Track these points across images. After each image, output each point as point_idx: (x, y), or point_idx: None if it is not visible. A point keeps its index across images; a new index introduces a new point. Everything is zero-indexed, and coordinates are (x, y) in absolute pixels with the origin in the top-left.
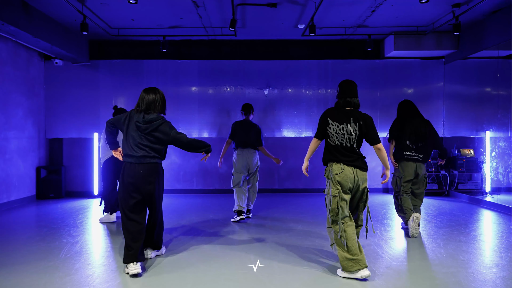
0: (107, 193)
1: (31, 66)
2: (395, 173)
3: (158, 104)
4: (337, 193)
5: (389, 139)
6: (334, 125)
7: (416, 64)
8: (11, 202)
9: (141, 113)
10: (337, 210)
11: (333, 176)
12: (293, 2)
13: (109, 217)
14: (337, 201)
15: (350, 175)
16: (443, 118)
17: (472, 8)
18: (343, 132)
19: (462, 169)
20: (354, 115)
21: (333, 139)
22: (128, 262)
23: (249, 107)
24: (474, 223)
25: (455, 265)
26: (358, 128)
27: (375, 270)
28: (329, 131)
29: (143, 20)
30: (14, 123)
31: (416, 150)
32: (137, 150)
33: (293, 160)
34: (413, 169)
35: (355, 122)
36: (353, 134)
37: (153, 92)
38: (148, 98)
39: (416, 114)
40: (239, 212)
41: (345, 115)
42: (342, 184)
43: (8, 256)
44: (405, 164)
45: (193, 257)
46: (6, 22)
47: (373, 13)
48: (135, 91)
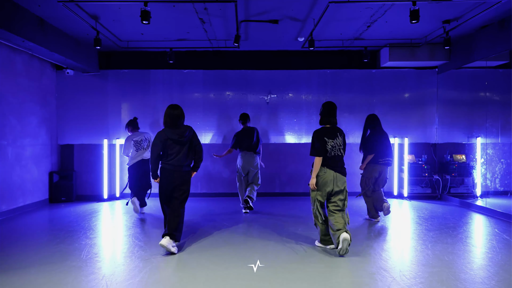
0: (132, 186)
1: (44, 76)
2: (365, 175)
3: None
4: (320, 198)
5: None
6: (330, 142)
7: (410, 73)
8: (26, 206)
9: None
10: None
11: (321, 182)
12: (294, 19)
13: (136, 206)
14: (318, 203)
15: (331, 178)
16: (436, 125)
17: (462, 24)
18: (335, 145)
19: (455, 174)
20: (338, 131)
21: (330, 152)
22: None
23: (247, 116)
24: (462, 226)
25: (439, 265)
26: (342, 140)
27: (367, 269)
28: (327, 147)
29: (151, 34)
30: (28, 131)
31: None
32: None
33: (294, 165)
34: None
35: (340, 136)
36: (341, 145)
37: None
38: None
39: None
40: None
41: (333, 131)
42: (324, 189)
43: (35, 257)
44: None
45: (202, 258)
46: (26, 39)
47: (368, 28)
48: (142, 99)
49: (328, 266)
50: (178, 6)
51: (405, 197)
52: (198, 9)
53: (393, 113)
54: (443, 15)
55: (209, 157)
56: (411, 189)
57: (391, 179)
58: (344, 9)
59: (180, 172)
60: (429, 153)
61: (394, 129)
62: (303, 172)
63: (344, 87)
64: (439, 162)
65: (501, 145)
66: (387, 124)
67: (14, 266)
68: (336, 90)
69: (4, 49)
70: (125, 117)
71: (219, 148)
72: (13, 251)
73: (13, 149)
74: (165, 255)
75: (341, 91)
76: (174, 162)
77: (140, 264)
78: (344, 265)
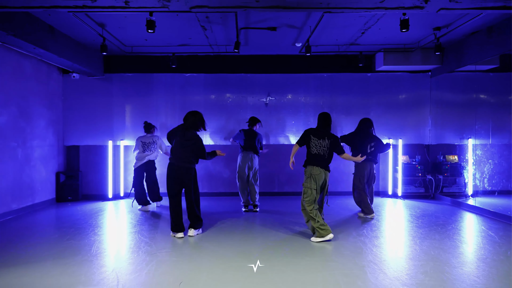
0: (137, 190)
1: (51, 80)
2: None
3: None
4: (315, 187)
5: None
6: (314, 140)
7: (404, 77)
8: (35, 204)
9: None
10: (313, 198)
11: (313, 176)
12: (291, 26)
13: (145, 207)
14: (314, 193)
15: (321, 174)
16: (429, 126)
17: (452, 31)
18: (319, 144)
19: (447, 174)
20: (328, 135)
21: (313, 149)
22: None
23: (255, 120)
24: (451, 224)
25: (425, 258)
26: (329, 143)
27: (358, 262)
28: (311, 143)
29: (155, 40)
30: (37, 133)
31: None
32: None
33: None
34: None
35: (328, 139)
36: (326, 147)
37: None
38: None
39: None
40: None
41: (322, 133)
42: (317, 181)
43: (48, 251)
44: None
45: (206, 252)
46: (37, 46)
47: (363, 34)
48: (145, 102)
49: (322, 260)
50: (181, 15)
51: (399, 196)
52: (200, 18)
53: (388, 115)
54: (434, 22)
55: None
56: (405, 188)
57: (385, 179)
58: (338, 17)
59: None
60: (422, 154)
61: (389, 131)
62: (301, 172)
63: (340, 90)
64: (432, 163)
65: (490, 146)
66: (382, 126)
67: (30, 260)
68: (332, 93)
69: (14, 54)
70: (129, 119)
71: (219, 149)
72: (28, 246)
73: (22, 150)
74: (171, 250)
75: (337, 94)
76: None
77: (147, 258)
78: (336, 258)
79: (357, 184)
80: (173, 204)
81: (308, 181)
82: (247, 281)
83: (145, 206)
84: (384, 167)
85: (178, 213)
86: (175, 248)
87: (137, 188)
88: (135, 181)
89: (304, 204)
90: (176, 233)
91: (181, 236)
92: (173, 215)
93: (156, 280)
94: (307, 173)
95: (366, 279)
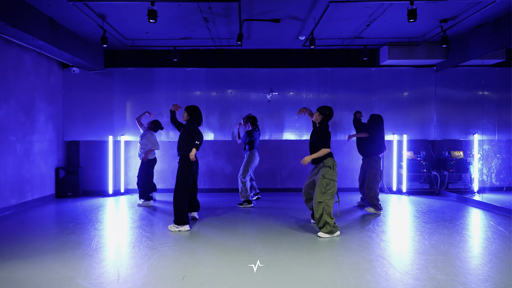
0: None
1: (51, 74)
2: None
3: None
4: (336, 179)
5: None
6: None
7: (409, 71)
8: (35, 200)
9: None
10: (336, 190)
11: (335, 167)
12: (295, 18)
13: (147, 202)
14: (336, 185)
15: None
16: (434, 122)
17: (459, 23)
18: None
19: (452, 170)
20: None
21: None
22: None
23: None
24: (459, 219)
25: (435, 253)
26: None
27: (366, 256)
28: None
29: (156, 33)
30: (37, 128)
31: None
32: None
33: (294, 162)
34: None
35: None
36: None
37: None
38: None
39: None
40: (249, 201)
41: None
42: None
43: (48, 245)
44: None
45: (208, 246)
46: (37, 38)
47: (368, 26)
48: (146, 96)
49: (329, 254)
50: (183, 5)
51: (404, 192)
52: (202, 8)
53: (392, 110)
54: (440, 14)
55: (212, 153)
56: (409, 184)
57: (390, 175)
58: (344, 8)
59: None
60: (427, 149)
61: (393, 126)
62: (303, 168)
63: (343, 85)
64: (437, 159)
65: (497, 141)
66: (386, 121)
67: (30, 253)
68: (335, 88)
69: (14, 48)
70: (130, 114)
71: (221, 145)
72: (28, 240)
73: (22, 144)
74: (172, 244)
75: (340, 89)
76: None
77: (149, 253)
78: (343, 253)
79: (378, 179)
80: (187, 197)
81: (330, 172)
82: (251, 274)
83: (148, 201)
84: (389, 163)
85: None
86: (177, 243)
87: (150, 183)
88: (146, 176)
89: (324, 197)
90: (184, 226)
91: (188, 228)
92: (185, 209)
93: (157, 274)
94: (330, 164)
95: (375, 273)
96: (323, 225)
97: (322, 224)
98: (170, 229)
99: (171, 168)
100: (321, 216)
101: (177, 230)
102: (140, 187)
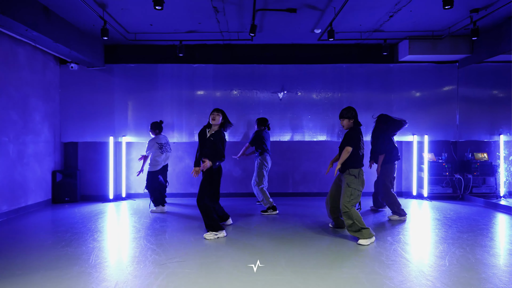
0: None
1: (47, 70)
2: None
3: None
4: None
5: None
6: (361, 140)
7: (429, 68)
8: (29, 206)
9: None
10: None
11: (362, 178)
12: (313, 7)
13: (162, 208)
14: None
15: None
16: (457, 122)
17: (492, 13)
18: (363, 144)
19: (476, 173)
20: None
21: (361, 150)
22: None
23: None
24: (495, 227)
25: (485, 270)
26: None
27: (406, 275)
28: (360, 144)
29: (161, 25)
30: (31, 128)
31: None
32: None
33: (308, 164)
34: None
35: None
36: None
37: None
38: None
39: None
40: (274, 207)
41: (360, 132)
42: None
43: (39, 261)
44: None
45: (223, 262)
46: (30, 28)
47: (390, 18)
48: (149, 95)
49: (366, 272)
50: None
51: (425, 197)
52: None
53: (412, 110)
54: (472, 3)
55: None
56: (431, 189)
57: (409, 178)
58: None
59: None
60: (449, 151)
61: (413, 127)
62: (316, 171)
63: (360, 83)
64: (460, 161)
65: None
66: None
67: (16, 272)
68: (352, 85)
69: (6, 40)
70: (131, 113)
71: (228, 147)
72: (15, 255)
73: (14, 146)
74: (183, 259)
75: (357, 86)
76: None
77: (156, 270)
78: (382, 272)
79: (391, 185)
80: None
81: (356, 181)
82: None
83: (163, 207)
84: (408, 166)
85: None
86: (187, 257)
87: (159, 189)
88: (155, 183)
89: (348, 205)
90: (221, 232)
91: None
92: (215, 216)
93: None
94: (357, 174)
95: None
96: (358, 230)
97: (356, 229)
98: (208, 238)
99: (176, 172)
100: (352, 224)
101: (216, 237)
102: (151, 194)
